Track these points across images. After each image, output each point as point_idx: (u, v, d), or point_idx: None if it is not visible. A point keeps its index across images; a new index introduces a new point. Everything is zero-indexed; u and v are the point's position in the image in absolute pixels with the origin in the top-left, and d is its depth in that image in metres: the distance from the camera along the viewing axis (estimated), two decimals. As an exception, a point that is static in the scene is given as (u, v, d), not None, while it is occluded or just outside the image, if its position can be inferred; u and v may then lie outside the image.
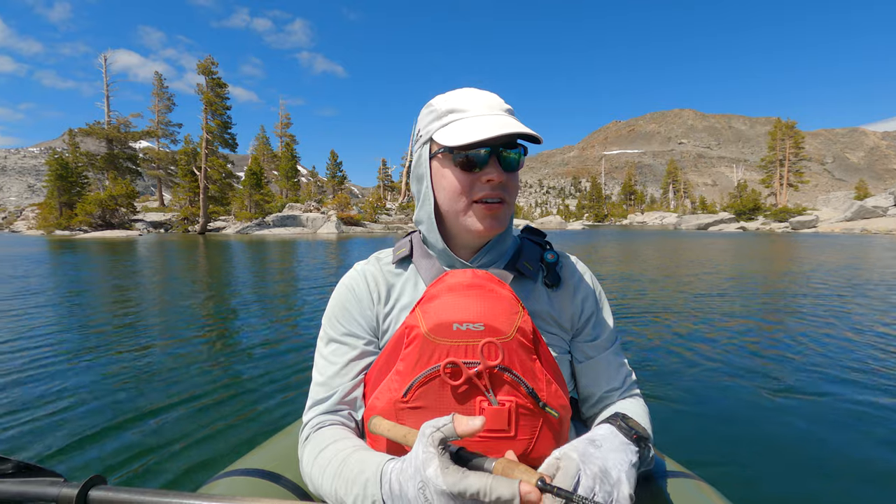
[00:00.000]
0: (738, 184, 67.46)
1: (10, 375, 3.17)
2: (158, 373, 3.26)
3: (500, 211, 0.79)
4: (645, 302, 6.14)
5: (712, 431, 2.37)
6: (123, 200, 35.59)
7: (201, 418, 2.52)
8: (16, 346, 3.94)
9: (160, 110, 49.64)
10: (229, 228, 35.63)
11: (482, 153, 0.76)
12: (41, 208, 36.33)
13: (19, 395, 2.82)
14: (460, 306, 0.72)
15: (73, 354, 3.70)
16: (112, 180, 37.44)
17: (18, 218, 44.04)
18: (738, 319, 5.01)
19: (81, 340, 4.14)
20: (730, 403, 2.72)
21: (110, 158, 39.49)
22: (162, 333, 4.41)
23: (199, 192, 36.79)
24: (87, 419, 2.50)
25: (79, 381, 3.07)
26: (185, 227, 35.97)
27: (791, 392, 2.88)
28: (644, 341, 4.17)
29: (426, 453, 0.55)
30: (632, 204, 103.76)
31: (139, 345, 3.99)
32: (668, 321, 4.95)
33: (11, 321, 4.89)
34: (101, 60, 42.73)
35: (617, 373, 0.89)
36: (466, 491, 0.51)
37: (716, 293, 6.82)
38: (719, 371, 3.31)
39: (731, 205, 61.72)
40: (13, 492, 0.57)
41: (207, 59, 35.90)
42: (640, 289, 7.34)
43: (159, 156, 47.21)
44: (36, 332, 4.38)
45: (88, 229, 32.97)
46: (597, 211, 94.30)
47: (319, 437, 0.77)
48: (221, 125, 37.44)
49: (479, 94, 0.81)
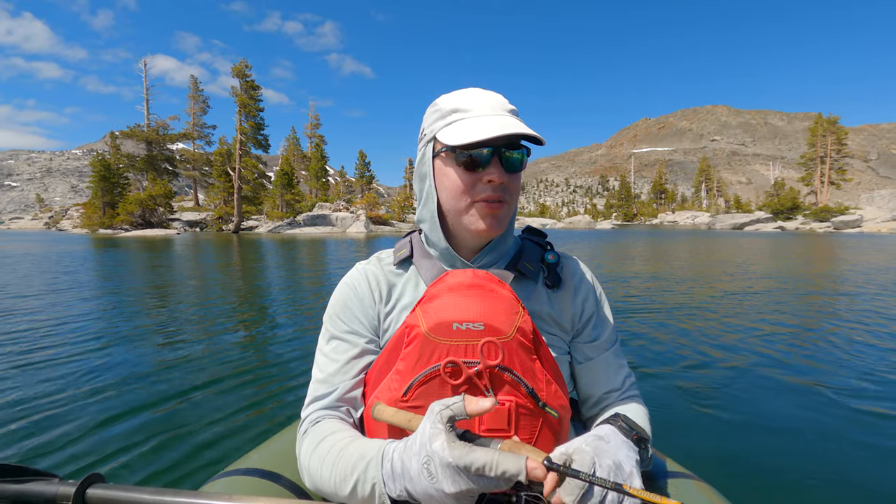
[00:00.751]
0: (774, 182, 65.12)
1: (12, 372, 3.22)
2: (158, 371, 3.26)
3: (500, 211, 0.79)
4: (668, 300, 6.02)
5: (713, 432, 2.37)
6: (162, 200, 36.91)
7: (201, 417, 2.50)
8: (19, 342, 4.00)
9: (195, 113, 51.15)
10: (261, 227, 36.54)
11: (484, 153, 0.75)
12: (85, 208, 37.98)
13: (20, 391, 2.84)
14: (460, 306, 0.72)
15: (74, 352, 3.72)
16: (151, 181, 38.86)
17: (64, 217, 46.18)
18: (749, 322, 4.88)
19: (88, 338, 4.16)
20: (731, 404, 2.71)
21: (149, 160, 41.00)
22: (166, 332, 4.43)
23: (233, 191, 37.84)
24: (87, 416, 2.50)
25: (79, 379, 3.08)
26: (219, 226, 37.06)
27: (795, 393, 2.85)
28: (648, 339, 4.16)
29: (434, 429, 0.55)
30: (662, 203, 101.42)
31: (141, 343, 3.99)
32: (679, 319, 4.91)
33: (21, 316, 5.08)
34: (141, 65, 44.51)
35: (616, 374, 0.89)
36: (472, 464, 0.51)
37: (749, 292, 6.63)
38: (721, 372, 3.30)
39: (768, 203, 59.68)
40: (11, 491, 0.57)
41: (242, 63, 36.89)
42: (669, 288, 7.20)
43: (194, 157, 48.69)
44: (40, 330, 4.42)
45: (129, 228, 34.34)
46: (626, 210, 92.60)
47: (318, 429, 0.77)
48: (255, 127, 38.43)
49: (483, 94, 0.81)
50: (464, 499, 0.54)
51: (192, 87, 51.83)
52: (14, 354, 3.67)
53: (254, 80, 37.98)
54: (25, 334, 4.30)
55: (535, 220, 67.47)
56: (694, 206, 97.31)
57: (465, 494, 0.53)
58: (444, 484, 0.53)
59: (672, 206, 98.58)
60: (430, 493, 0.55)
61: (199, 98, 51.65)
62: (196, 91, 51.60)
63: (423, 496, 0.56)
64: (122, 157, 40.15)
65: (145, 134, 40.94)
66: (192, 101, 51.34)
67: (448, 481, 0.53)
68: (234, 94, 37.36)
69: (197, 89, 51.77)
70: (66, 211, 48.07)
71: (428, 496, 0.55)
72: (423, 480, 0.55)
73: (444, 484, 0.53)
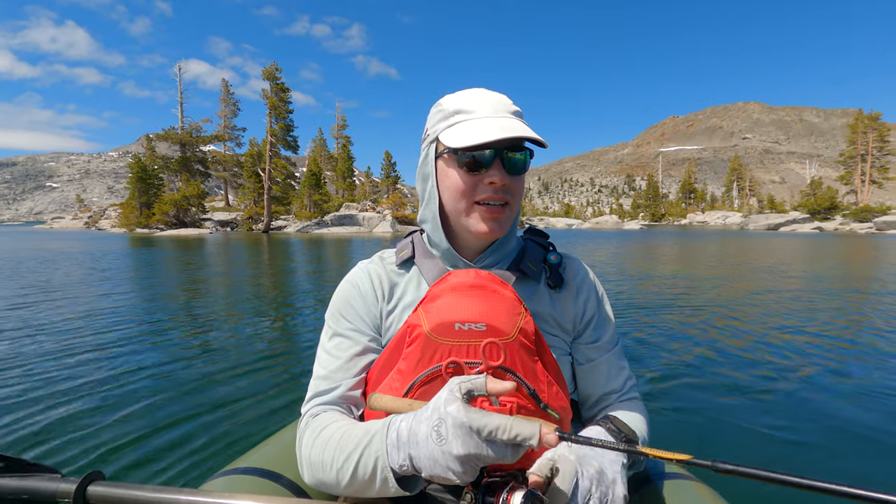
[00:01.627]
0: (811, 181, 62.77)
1: (16, 368, 3.28)
2: (160, 370, 3.27)
3: (501, 214, 0.79)
4: (699, 299, 5.89)
5: (714, 433, 2.37)
6: (195, 201, 37.98)
7: (202, 416, 2.50)
8: (31, 338, 4.11)
9: (226, 115, 52.37)
10: (290, 227, 37.21)
11: (486, 155, 0.75)
12: (123, 208, 39.37)
13: (21, 389, 2.88)
14: (462, 306, 0.72)
15: (78, 349, 3.76)
16: (185, 182, 40.02)
17: (102, 217, 47.94)
18: (762, 325, 4.71)
19: (90, 336, 4.19)
20: (733, 405, 2.71)
21: (183, 161, 42.21)
22: (170, 331, 4.46)
23: (262, 192, 38.64)
24: (87, 413, 2.50)
25: (79, 378, 3.10)
26: (249, 226, 37.92)
27: (794, 395, 2.84)
28: (655, 340, 4.20)
29: (450, 395, 0.55)
30: (691, 203, 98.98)
31: (143, 343, 4.01)
32: (703, 319, 4.84)
33: (37, 312, 5.23)
34: (176, 70, 45.80)
35: (617, 375, 0.89)
36: (486, 426, 0.51)
37: (786, 294, 6.42)
38: (726, 372, 3.30)
39: (804, 203, 57.59)
40: (12, 487, 0.57)
41: (272, 66, 37.66)
42: (703, 287, 7.03)
43: (225, 158, 49.91)
44: (44, 329, 4.49)
45: (164, 227, 35.44)
46: (653, 210, 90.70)
47: (319, 420, 0.76)
48: (284, 128, 39.19)
49: (486, 94, 0.80)
50: (469, 464, 0.53)
51: (224, 90, 53.10)
52: (25, 349, 3.77)
53: (283, 83, 38.73)
54: (36, 330, 4.43)
55: (560, 220, 66.69)
56: (725, 206, 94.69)
57: (471, 459, 0.52)
58: (453, 445, 0.52)
59: (701, 206, 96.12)
60: (435, 456, 0.54)
61: (229, 101, 52.88)
62: (227, 94, 52.83)
63: (426, 461, 0.55)
64: (157, 158, 41.46)
65: (179, 136, 42.18)
66: (223, 103, 52.59)
67: (458, 442, 0.52)
68: (265, 96, 38.17)
69: (228, 92, 53.00)
70: (104, 211, 49.86)
71: (432, 461, 0.55)
72: (431, 443, 0.54)
73: (453, 445, 0.52)
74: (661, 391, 2.95)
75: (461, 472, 0.53)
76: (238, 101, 53.14)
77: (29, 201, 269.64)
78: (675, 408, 2.68)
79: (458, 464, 0.53)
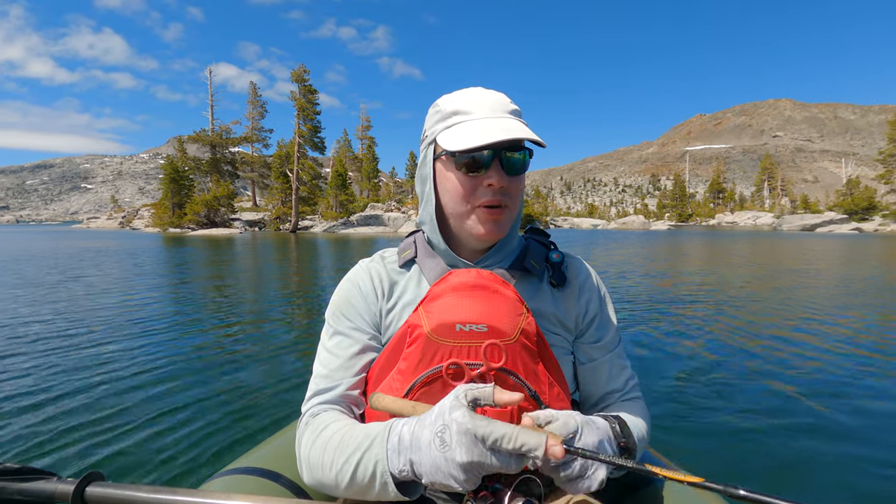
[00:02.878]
0: (847, 180, 60.45)
1: (16, 368, 3.31)
2: (160, 369, 3.26)
3: (501, 216, 0.78)
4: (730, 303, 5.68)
5: (715, 435, 2.37)
6: (225, 201, 38.79)
7: (202, 416, 2.49)
8: (34, 337, 4.13)
9: (254, 117, 53.35)
10: (317, 227, 37.73)
11: (485, 156, 0.74)
12: (156, 208, 40.47)
13: (22, 389, 2.89)
14: (463, 307, 0.71)
15: (78, 349, 3.78)
16: (215, 183, 40.93)
17: (135, 217, 49.39)
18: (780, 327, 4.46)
19: (93, 336, 4.23)
20: (734, 406, 2.71)
21: (213, 162, 43.19)
22: (170, 332, 4.44)
23: (290, 192, 39.24)
24: (86, 415, 2.50)
25: (79, 377, 3.10)
26: (276, 226, 38.55)
27: (801, 400, 2.82)
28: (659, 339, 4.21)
29: (456, 401, 0.55)
30: (720, 203, 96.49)
31: (146, 342, 4.02)
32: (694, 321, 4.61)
33: (43, 308, 5.31)
34: (207, 73, 47.04)
35: (619, 375, 0.88)
36: (491, 435, 0.50)
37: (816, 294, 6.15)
38: (729, 374, 3.29)
39: (840, 203, 55.57)
40: (11, 489, 0.57)
41: (300, 68, 38.23)
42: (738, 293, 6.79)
43: (252, 159, 50.85)
44: (49, 326, 4.57)
45: (195, 227, 36.31)
46: (680, 210, 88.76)
47: (319, 420, 0.75)
48: (312, 129, 39.73)
49: (484, 94, 0.79)
50: (472, 472, 0.52)
51: (252, 92, 54.10)
52: (25, 348, 3.81)
53: (311, 85, 39.26)
54: (39, 328, 4.50)
55: (585, 220, 65.82)
56: (755, 206, 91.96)
57: (474, 467, 0.52)
58: (456, 452, 0.52)
59: (730, 207, 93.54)
60: (437, 463, 0.53)
61: (257, 103, 53.80)
62: (255, 96, 53.82)
63: (428, 468, 0.55)
64: (188, 160, 42.52)
65: (210, 138, 43.17)
66: (250, 106, 53.53)
67: (462, 449, 0.51)
68: (293, 98, 38.74)
69: (255, 94, 53.99)
70: (137, 211, 51.38)
71: (434, 468, 0.54)
72: (434, 450, 0.54)
73: (456, 452, 0.52)
74: (680, 394, 2.92)
75: (463, 480, 0.53)
76: (265, 102, 54.07)
77: (65, 202, 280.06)
78: (684, 414, 2.63)
79: (460, 471, 0.52)
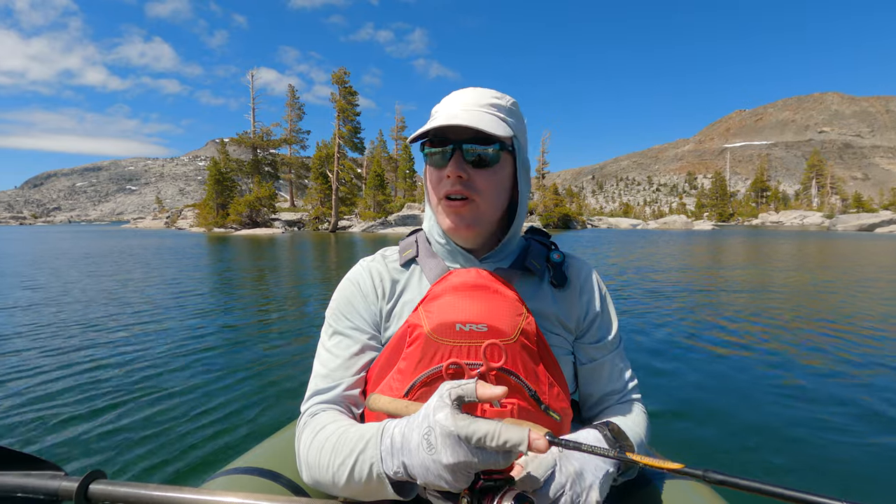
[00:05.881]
0: (907, 177, 56.81)
1: (24, 365, 3.35)
2: (161, 369, 3.28)
3: (463, 209, 0.77)
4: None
5: (716, 434, 2.38)
6: (266, 201, 39.64)
7: (203, 416, 2.52)
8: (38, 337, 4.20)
9: (292, 119, 54.39)
10: (355, 227, 38.11)
11: (446, 150, 0.75)
12: (200, 208, 41.73)
13: (24, 388, 2.92)
14: (463, 306, 0.72)
15: (79, 349, 3.80)
16: (257, 184, 41.86)
17: (179, 217, 51.11)
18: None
19: (95, 335, 4.27)
20: (735, 406, 2.74)
21: (255, 164, 44.22)
22: (172, 330, 4.46)
23: (329, 193, 39.75)
24: (88, 413, 2.52)
25: (82, 376, 3.13)
26: (315, 226, 39.13)
27: (802, 397, 2.85)
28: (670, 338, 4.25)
29: (440, 402, 0.55)
30: (763, 201, 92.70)
31: (148, 341, 4.04)
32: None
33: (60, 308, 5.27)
34: (249, 77, 48.14)
35: (619, 376, 0.88)
36: (474, 434, 0.50)
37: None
38: (731, 374, 3.32)
39: (898, 202, 52.30)
40: (14, 484, 0.57)
41: (341, 70, 38.67)
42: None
43: (291, 160, 51.82)
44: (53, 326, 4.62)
45: (238, 227, 37.22)
46: (721, 209, 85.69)
47: (317, 420, 0.75)
48: (352, 130, 40.16)
49: (462, 92, 0.81)
50: (459, 473, 0.52)
51: (290, 95, 55.07)
52: (29, 347, 3.86)
53: (351, 87, 39.67)
54: (42, 327, 4.59)
55: (623, 220, 64.21)
56: (802, 205, 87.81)
57: (461, 467, 0.52)
58: (442, 455, 0.52)
59: (774, 206, 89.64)
60: (427, 465, 0.54)
61: (295, 105, 54.82)
62: (293, 99, 54.86)
63: (419, 469, 0.55)
64: (231, 161, 43.66)
65: (252, 140, 44.25)
66: (289, 108, 54.54)
67: (448, 451, 0.52)
68: (333, 99, 39.25)
69: (294, 97, 55.02)
70: (181, 211, 53.16)
71: (424, 469, 0.54)
72: (422, 452, 0.54)
73: (442, 455, 0.52)
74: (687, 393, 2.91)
75: (452, 480, 0.53)
76: (303, 105, 55.01)
77: (112, 202, 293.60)
78: (690, 412, 2.64)
79: (448, 472, 0.52)
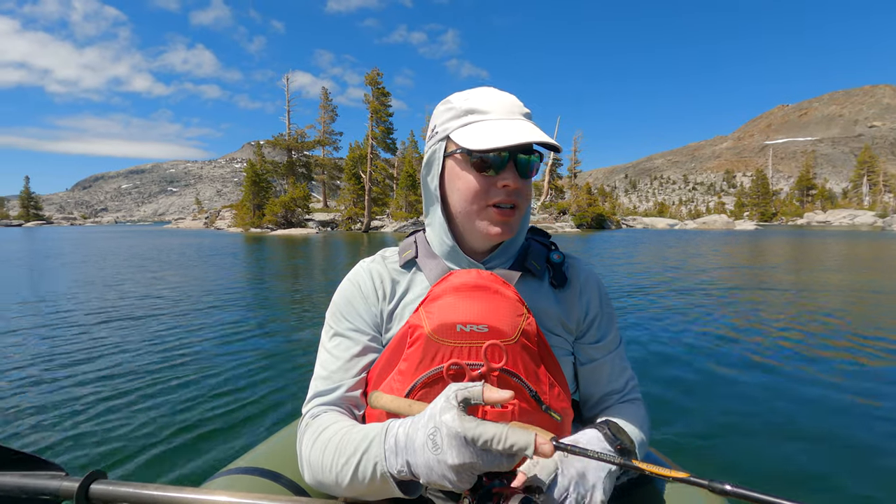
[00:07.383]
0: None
1: (27, 364, 3.36)
2: (162, 369, 3.30)
3: (512, 217, 0.78)
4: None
5: (716, 434, 2.39)
6: (301, 202, 40.38)
7: (203, 416, 2.54)
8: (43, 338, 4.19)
9: (325, 121, 55.26)
10: (387, 227, 38.37)
11: (502, 157, 0.75)
12: (237, 209, 42.86)
13: (25, 387, 2.94)
14: (464, 307, 0.72)
15: (78, 349, 3.82)
16: (291, 185, 42.69)
17: (218, 217, 52.71)
18: None
19: (96, 335, 4.28)
20: (737, 406, 2.74)
21: (290, 166, 45.13)
22: (172, 331, 4.46)
23: (362, 193, 40.17)
24: (89, 414, 2.53)
25: (83, 376, 3.14)
26: (348, 226, 39.61)
27: (804, 399, 2.86)
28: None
29: (446, 403, 0.55)
30: (809, 200, 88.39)
31: (149, 341, 4.06)
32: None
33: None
34: (284, 81, 49.18)
35: (619, 376, 0.88)
36: (481, 437, 0.51)
37: None
38: (732, 374, 3.33)
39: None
40: (14, 485, 0.57)
41: (374, 72, 39.03)
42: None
43: (324, 162, 52.66)
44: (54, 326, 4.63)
45: (274, 227, 38.03)
46: (763, 209, 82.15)
47: (319, 421, 0.75)
48: (384, 131, 40.48)
49: (498, 95, 0.80)
50: (463, 474, 0.53)
51: (323, 98, 55.95)
52: (33, 349, 3.89)
53: (384, 88, 39.97)
54: (44, 327, 4.64)
55: (660, 220, 62.38)
56: (851, 203, 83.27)
57: (466, 468, 0.52)
58: (447, 455, 0.52)
59: (820, 204, 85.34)
60: (431, 464, 0.54)
61: (328, 107, 55.67)
62: (326, 101, 55.71)
63: (423, 469, 0.55)
64: (266, 163, 44.68)
65: (287, 142, 45.20)
66: (322, 110, 55.44)
67: (453, 452, 0.52)
68: (366, 100, 39.65)
69: (327, 100, 55.87)
70: (219, 212, 54.80)
71: (428, 469, 0.54)
72: (427, 452, 0.54)
73: (447, 455, 0.52)
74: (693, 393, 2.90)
75: (456, 481, 0.53)
76: (336, 107, 55.81)
77: (153, 203, 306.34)
78: (691, 412, 2.64)
79: (452, 473, 0.53)
